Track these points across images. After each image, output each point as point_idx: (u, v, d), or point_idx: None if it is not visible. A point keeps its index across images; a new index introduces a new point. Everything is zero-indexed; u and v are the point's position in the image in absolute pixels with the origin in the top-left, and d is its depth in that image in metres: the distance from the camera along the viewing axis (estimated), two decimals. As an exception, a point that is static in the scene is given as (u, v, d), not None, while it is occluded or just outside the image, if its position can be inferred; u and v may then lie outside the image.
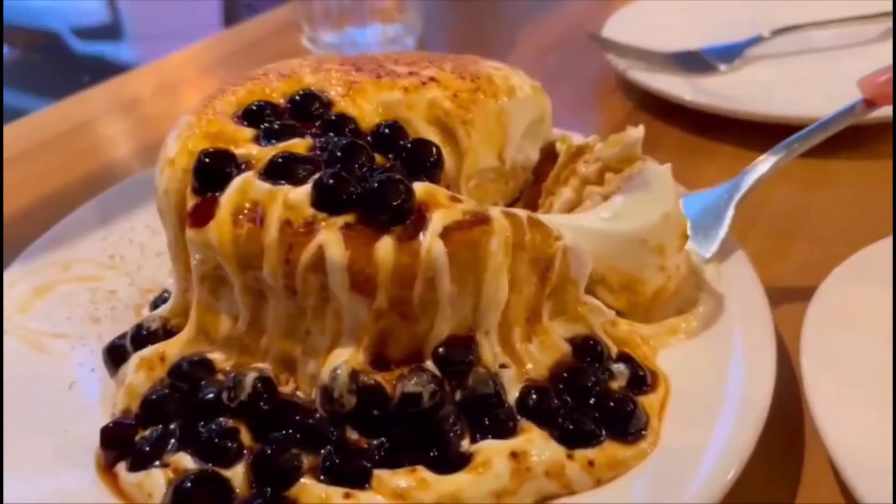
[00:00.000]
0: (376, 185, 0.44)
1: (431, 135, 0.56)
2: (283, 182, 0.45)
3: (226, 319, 0.48)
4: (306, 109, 0.53)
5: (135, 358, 0.48)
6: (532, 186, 0.63)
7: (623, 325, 0.50)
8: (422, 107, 0.56)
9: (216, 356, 0.48)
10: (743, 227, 0.63)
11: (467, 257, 0.43)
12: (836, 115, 0.57)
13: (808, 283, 0.52)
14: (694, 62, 0.88)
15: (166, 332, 0.50)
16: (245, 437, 0.43)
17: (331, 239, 0.43)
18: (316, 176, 0.45)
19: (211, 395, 0.45)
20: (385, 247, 0.43)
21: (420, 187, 0.45)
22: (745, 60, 0.90)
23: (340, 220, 0.43)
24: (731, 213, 0.56)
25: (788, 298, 0.53)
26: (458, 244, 0.43)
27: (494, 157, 0.59)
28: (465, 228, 0.44)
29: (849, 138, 0.76)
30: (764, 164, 0.57)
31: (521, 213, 0.47)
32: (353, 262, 0.43)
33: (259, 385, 0.44)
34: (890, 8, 0.93)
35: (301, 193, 0.44)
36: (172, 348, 0.48)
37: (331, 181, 0.44)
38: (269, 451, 0.42)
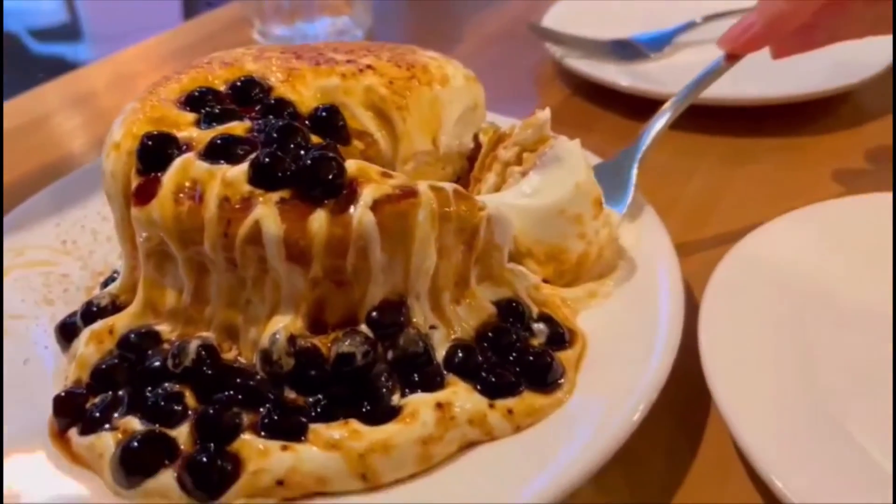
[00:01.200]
0: (309, 161, 0.47)
1: (368, 119, 0.60)
2: (221, 161, 0.48)
3: (171, 293, 0.50)
4: (247, 95, 0.56)
5: (86, 332, 0.51)
6: (467, 174, 0.67)
7: (546, 289, 0.54)
8: (358, 92, 0.59)
9: (163, 328, 0.50)
10: (668, 202, 0.67)
11: (396, 228, 0.47)
12: (705, 73, 0.66)
13: (721, 252, 0.56)
14: (626, 50, 0.92)
15: (115, 307, 0.53)
16: (190, 400, 0.46)
17: (267, 213, 0.46)
18: (253, 155, 0.48)
19: (157, 363, 0.48)
20: (318, 219, 0.46)
21: (352, 164, 0.48)
22: (675, 47, 0.95)
23: (276, 195, 0.46)
24: (634, 171, 0.62)
25: (703, 266, 0.57)
26: (388, 216, 0.46)
27: (429, 142, 0.62)
28: (394, 201, 0.47)
29: (769, 118, 0.81)
30: (657, 122, 0.65)
31: (448, 186, 0.50)
32: (289, 235, 0.45)
33: (202, 352, 0.47)
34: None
35: (238, 171, 0.47)
36: (121, 321, 0.51)
37: (266, 159, 0.47)
38: (211, 411, 0.44)
